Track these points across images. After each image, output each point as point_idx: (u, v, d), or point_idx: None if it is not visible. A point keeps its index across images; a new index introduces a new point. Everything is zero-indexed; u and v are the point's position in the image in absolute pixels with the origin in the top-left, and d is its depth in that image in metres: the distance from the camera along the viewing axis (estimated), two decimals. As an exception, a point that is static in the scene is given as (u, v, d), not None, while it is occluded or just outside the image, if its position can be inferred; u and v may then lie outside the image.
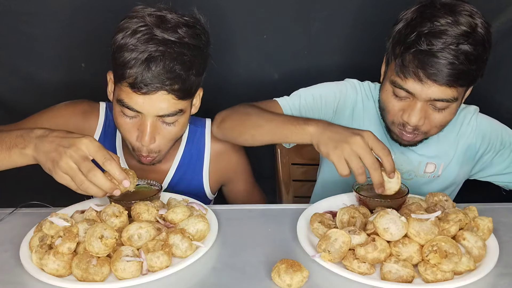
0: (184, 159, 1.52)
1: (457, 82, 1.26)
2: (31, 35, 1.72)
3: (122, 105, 1.27)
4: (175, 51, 1.23)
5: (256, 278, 1.05)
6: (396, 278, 1.02)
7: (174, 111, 1.29)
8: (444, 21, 1.25)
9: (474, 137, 1.51)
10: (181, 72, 1.24)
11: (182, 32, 1.25)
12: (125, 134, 1.33)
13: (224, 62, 1.78)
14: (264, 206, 1.40)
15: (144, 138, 1.29)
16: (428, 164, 1.52)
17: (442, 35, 1.24)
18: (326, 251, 1.06)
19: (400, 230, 1.05)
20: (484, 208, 1.26)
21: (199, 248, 1.11)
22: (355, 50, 1.82)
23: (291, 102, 1.50)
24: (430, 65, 1.24)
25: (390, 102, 1.37)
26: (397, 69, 1.31)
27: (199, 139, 1.53)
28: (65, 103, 1.48)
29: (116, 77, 1.28)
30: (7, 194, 1.45)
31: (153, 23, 1.24)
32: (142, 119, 1.29)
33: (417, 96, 1.30)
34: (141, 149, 1.33)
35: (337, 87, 1.55)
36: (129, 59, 1.22)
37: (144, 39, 1.22)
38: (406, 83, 1.30)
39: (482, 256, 1.08)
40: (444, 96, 1.28)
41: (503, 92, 1.83)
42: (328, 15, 1.76)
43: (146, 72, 1.21)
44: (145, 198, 1.22)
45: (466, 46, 1.24)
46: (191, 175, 1.53)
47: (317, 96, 1.51)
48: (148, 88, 1.23)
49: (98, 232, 1.03)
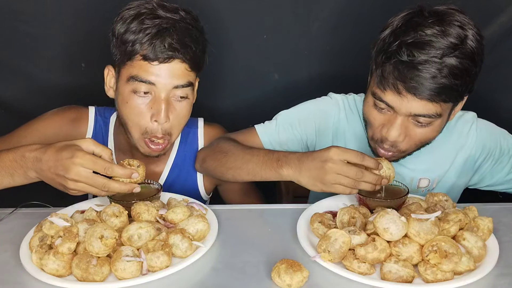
0: (177, 161, 1.52)
1: (439, 97, 1.18)
2: (31, 35, 1.72)
3: (135, 80, 1.28)
4: (183, 26, 1.29)
5: (256, 278, 1.05)
6: (396, 278, 1.02)
7: (187, 82, 1.31)
8: (430, 32, 1.17)
9: (474, 147, 1.44)
10: (191, 44, 1.29)
11: (183, 14, 1.31)
12: (135, 117, 1.32)
13: (224, 62, 1.79)
14: (264, 206, 1.41)
15: (160, 114, 1.29)
16: (421, 179, 1.47)
17: (425, 46, 1.16)
18: (326, 251, 1.06)
19: (400, 230, 1.05)
20: (484, 208, 1.26)
21: (199, 248, 1.11)
22: (355, 51, 1.81)
23: (269, 132, 1.48)
24: (409, 78, 1.17)
25: (371, 114, 1.30)
26: (377, 79, 1.24)
27: (192, 140, 1.53)
28: (52, 112, 1.47)
29: (125, 57, 1.29)
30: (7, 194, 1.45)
31: (155, 6, 1.29)
32: (156, 96, 1.29)
33: (396, 110, 1.23)
34: (156, 130, 1.32)
35: (318, 106, 1.50)
36: (138, 36, 1.26)
37: (150, 17, 1.27)
38: (386, 95, 1.23)
39: (482, 256, 1.08)
40: (426, 111, 1.21)
41: (503, 92, 1.83)
42: (328, 15, 1.76)
43: (160, 42, 1.25)
44: (145, 198, 1.22)
45: (452, 59, 1.16)
46: (185, 176, 1.53)
47: (295, 123, 1.48)
48: (163, 56, 1.26)
49: (98, 232, 1.03)
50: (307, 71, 1.85)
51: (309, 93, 1.54)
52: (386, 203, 1.20)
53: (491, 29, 1.67)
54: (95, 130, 1.49)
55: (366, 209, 1.22)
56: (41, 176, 1.13)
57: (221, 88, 1.85)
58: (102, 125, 1.49)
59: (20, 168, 1.14)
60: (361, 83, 1.56)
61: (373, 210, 1.21)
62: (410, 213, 1.12)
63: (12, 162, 1.14)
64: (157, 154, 1.39)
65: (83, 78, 1.80)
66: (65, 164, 1.08)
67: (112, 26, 1.31)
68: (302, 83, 1.85)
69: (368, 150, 1.43)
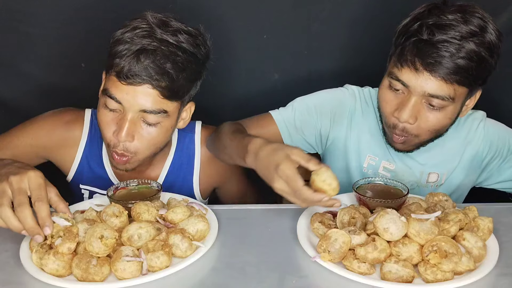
0: (173, 166, 1.50)
1: (454, 77, 1.20)
2: (31, 35, 1.72)
3: (106, 94, 1.25)
4: (169, 50, 1.23)
5: (256, 278, 1.05)
6: (396, 278, 1.02)
7: (158, 109, 1.25)
8: (452, 17, 1.20)
9: (482, 144, 1.46)
10: (171, 71, 1.22)
11: (182, 38, 1.25)
12: (103, 127, 1.29)
13: (224, 62, 1.78)
14: (264, 206, 1.40)
15: (121, 133, 1.24)
16: (430, 174, 1.48)
17: (446, 28, 1.19)
18: (326, 251, 1.06)
19: (400, 230, 1.05)
20: (484, 208, 1.26)
21: (199, 248, 1.11)
22: (355, 51, 1.82)
23: (286, 116, 1.47)
24: (428, 55, 1.19)
25: (385, 97, 1.32)
26: (395, 58, 1.27)
27: (189, 145, 1.51)
28: (48, 113, 1.46)
29: (107, 68, 1.27)
30: (7, 194, 1.45)
31: (154, 24, 1.24)
32: (123, 114, 1.25)
33: (411, 90, 1.25)
34: (116, 145, 1.28)
35: (334, 96, 1.51)
36: (121, 49, 1.21)
37: (142, 35, 1.22)
38: (402, 73, 1.25)
39: (482, 257, 1.08)
40: (440, 92, 1.22)
41: (503, 91, 1.83)
42: (328, 15, 1.76)
43: (134, 63, 1.20)
44: (145, 198, 1.22)
45: (471, 43, 1.19)
46: (181, 182, 1.51)
47: (312, 109, 1.48)
48: (133, 79, 1.21)
49: (98, 232, 1.03)
50: (307, 71, 1.85)
51: (309, 93, 1.54)
52: (386, 203, 1.20)
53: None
54: (90, 133, 1.46)
55: (366, 209, 1.22)
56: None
57: (221, 88, 1.84)
58: (97, 128, 1.44)
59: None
60: (362, 83, 1.56)
61: (373, 210, 1.21)
62: (410, 213, 1.12)
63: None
64: (123, 168, 1.33)
65: (83, 78, 1.80)
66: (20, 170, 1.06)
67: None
68: (302, 83, 1.84)
69: (382, 144, 1.45)
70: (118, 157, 1.30)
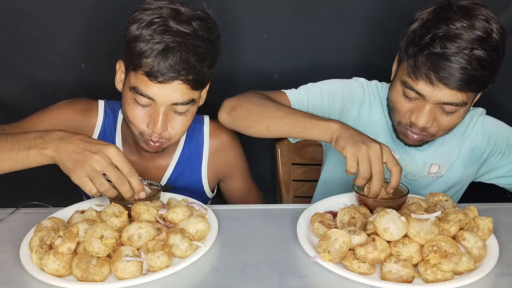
0: (183, 156, 1.53)
1: (468, 87, 1.26)
2: (31, 35, 1.72)
3: (136, 92, 1.29)
4: (190, 43, 1.27)
5: (256, 278, 1.05)
6: (396, 278, 1.02)
7: (188, 100, 1.31)
8: (460, 25, 1.24)
9: (480, 139, 1.50)
10: (196, 63, 1.28)
11: (196, 25, 1.29)
12: (135, 121, 1.34)
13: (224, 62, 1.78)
14: (264, 206, 1.41)
15: (157, 126, 1.31)
16: (432, 165, 1.51)
17: (456, 39, 1.23)
18: (326, 251, 1.06)
19: (400, 230, 1.05)
20: (484, 208, 1.26)
21: (199, 248, 1.11)
22: (355, 50, 1.82)
23: (299, 97, 1.50)
24: (442, 69, 1.24)
25: (399, 102, 1.37)
26: (409, 69, 1.31)
27: (198, 136, 1.54)
28: (64, 102, 1.48)
29: (131, 65, 1.29)
30: (8, 194, 1.45)
31: (168, 15, 1.27)
32: (155, 108, 1.31)
33: (426, 98, 1.30)
34: (151, 135, 1.34)
35: (345, 85, 1.55)
36: (145, 49, 1.25)
37: (160, 30, 1.25)
38: (417, 84, 1.30)
39: (482, 257, 1.08)
40: (454, 100, 1.28)
41: (503, 91, 1.83)
42: (328, 15, 1.76)
43: (163, 62, 1.25)
44: (145, 198, 1.22)
45: (480, 51, 1.23)
46: (190, 171, 1.54)
47: (325, 94, 1.51)
48: (164, 77, 1.26)
49: (98, 232, 1.03)
50: (307, 71, 1.85)
51: (309, 93, 1.54)
52: (386, 203, 1.20)
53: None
54: (104, 123, 1.50)
55: (366, 209, 1.22)
56: (58, 150, 1.13)
57: (221, 88, 1.84)
58: (111, 118, 1.51)
59: (41, 143, 1.15)
60: (361, 83, 1.56)
61: (373, 210, 1.21)
62: (410, 213, 1.12)
63: (36, 139, 1.16)
64: (155, 151, 1.40)
65: (83, 78, 1.80)
66: (98, 147, 1.13)
67: (127, 25, 1.29)
68: (302, 83, 1.84)
69: (388, 134, 1.49)
70: (153, 143, 1.36)
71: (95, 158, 1.11)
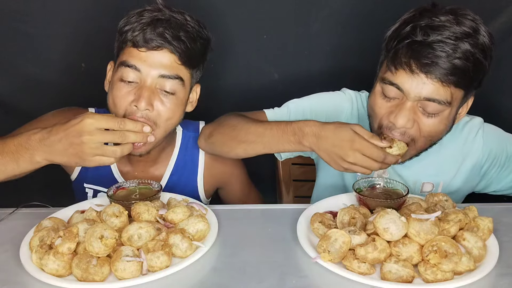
0: (178, 165, 1.51)
1: (451, 78, 1.17)
2: (31, 35, 1.72)
3: (123, 65, 1.27)
4: (180, 22, 1.28)
5: (256, 278, 1.05)
6: (396, 278, 1.02)
7: (175, 74, 1.29)
8: (445, 18, 1.18)
9: (481, 154, 1.42)
10: (185, 39, 1.28)
11: (187, 17, 1.31)
12: (119, 101, 1.29)
13: (224, 62, 1.79)
14: (264, 206, 1.40)
15: (141, 100, 1.26)
16: (424, 183, 1.44)
17: (440, 29, 1.16)
18: (326, 251, 1.06)
19: (400, 230, 1.06)
20: (484, 208, 1.26)
21: (199, 248, 1.11)
22: (355, 51, 1.82)
23: (280, 116, 1.45)
24: (424, 56, 1.16)
25: (377, 103, 1.27)
26: (388, 63, 1.23)
27: (193, 144, 1.52)
28: (52, 113, 1.46)
29: (120, 45, 1.30)
30: (8, 194, 1.45)
31: (160, 7, 1.29)
32: (141, 83, 1.28)
33: (406, 94, 1.21)
34: (134, 112, 1.28)
35: (331, 98, 1.49)
36: (133, 25, 1.26)
37: (150, 11, 1.28)
38: (397, 76, 1.20)
39: (482, 257, 1.08)
40: (437, 95, 1.19)
41: (503, 92, 1.83)
42: (328, 15, 1.76)
43: (151, 29, 1.25)
44: (145, 198, 1.22)
45: (466, 44, 1.16)
46: (185, 181, 1.52)
47: (307, 111, 1.46)
48: (152, 44, 1.25)
49: (98, 232, 1.03)
50: (307, 71, 1.85)
51: (309, 93, 1.54)
52: (386, 203, 1.20)
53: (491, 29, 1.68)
54: None
55: (366, 209, 1.22)
56: (50, 154, 1.13)
57: (221, 88, 1.85)
58: None
59: (26, 152, 1.14)
60: (362, 83, 1.56)
61: (373, 210, 1.21)
62: (410, 213, 1.12)
63: (17, 146, 1.15)
64: (138, 153, 1.33)
65: (83, 78, 1.80)
66: (76, 128, 1.11)
67: None
68: (302, 83, 1.85)
69: None
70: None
71: (84, 140, 1.10)
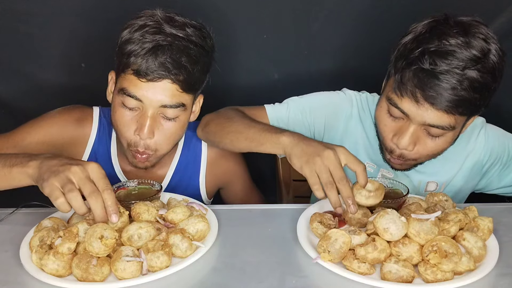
0: (180, 165, 1.51)
1: (456, 109, 1.17)
2: (31, 35, 1.72)
3: (124, 93, 1.26)
4: (182, 44, 1.25)
5: (256, 278, 1.05)
6: (396, 278, 1.02)
7: (177, 103, 1.28)
8: (454, 41, 1.15)
9: (482, 153, 1.43)
10: (187, 65, 1.25)
11: (190, 31, 1.28)
12: (121, 128, 1.30)
13: (224, 62, 1.78)
14: (264, 206, 1.40)
15: (143, 130, 1.26)
16: (429, 183, 1.46)
17: (448, 56, 1.14)
18: (326, 251, 1.06)
19: (400, 230, 1.05)
20: (484, 208, 1.26)
21: (199, 248, 1.11)
22: (356, 51, 1.82)
23: (279, 113, 1.45)
24: (429, 87, 1.15)
25: (383, 121, 1.29)
26: (395, 85, 1.22)
27: (195, 144, 1.52)
28: (57, 110, 1.46)
29: (120, 67, 1.28)
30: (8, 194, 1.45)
31: (161, 19, 1.26)
32: (143, 111, 1.27)
33: (411, 118, 1.22)
34: (138, 143, 1.29)
35: (331, 98, 1.49)
36: (135, 48, 1.23)
37: (152, 31, 1.24)
38: (402, 102, 1.21)
39: (482, 257, 1.08)
40: (440, 122, 1.19)
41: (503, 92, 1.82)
42: (328, 15, 1.76)
43: (152, 59, 1.22)
44: (145, 198, 1.22)
45: (473, 72, 1.14)
46: (187, 181, 1.52)
47: (306, 110, 1.46)
48: (153, 75, 1.23)
49: (98, 232, 1.03)
50: (307, 71, 1.85)
51: (309, 93, 1.54)
52: (386, 203, 1.20)
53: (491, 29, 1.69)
54: (99, 131, 1.47)
55: (366, 209, 1.22)
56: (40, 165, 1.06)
57: (221, 88, 1.84)
58: (106, 126, 1.48)
59: (25, 161, 1.09)
60: (362, 83, 1.56)
61: (373, 210, 1.21)
62: (410, 213, 1.12)
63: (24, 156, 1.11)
64: (143, 166, 1.35)
65: (83, 78, 1.80)
66: (79, 161, 1.06)
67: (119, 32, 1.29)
68: (302, 83, 1.85)
69: (378, 153, 1.42)
70: (140, 155, 1.32)
71: (73, 169, 1.03)
